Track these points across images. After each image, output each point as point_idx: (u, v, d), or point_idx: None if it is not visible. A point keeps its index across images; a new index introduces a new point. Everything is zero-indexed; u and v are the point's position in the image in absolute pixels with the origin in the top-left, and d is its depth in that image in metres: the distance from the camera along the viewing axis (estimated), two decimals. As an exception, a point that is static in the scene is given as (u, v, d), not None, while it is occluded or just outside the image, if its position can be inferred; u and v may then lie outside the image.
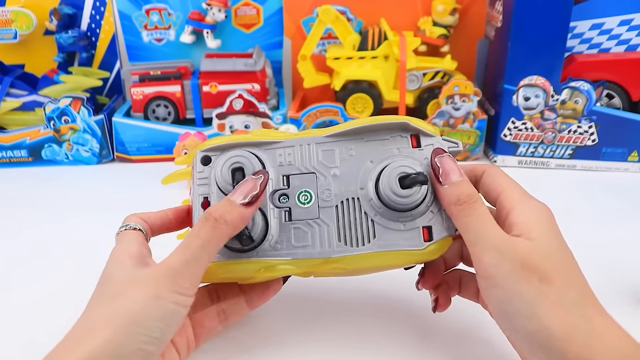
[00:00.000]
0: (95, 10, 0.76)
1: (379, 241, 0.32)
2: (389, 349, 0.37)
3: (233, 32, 0.78)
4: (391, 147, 0.33)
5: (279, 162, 0.33)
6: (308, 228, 0.32)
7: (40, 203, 0.61)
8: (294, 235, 0.32)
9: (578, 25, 0.67)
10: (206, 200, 0.33)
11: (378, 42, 0.71)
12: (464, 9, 0.75)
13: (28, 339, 0.38)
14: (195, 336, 0.34)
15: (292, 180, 0.33)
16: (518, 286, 0.26)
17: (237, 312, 0.35)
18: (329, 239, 0.32)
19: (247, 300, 0.35)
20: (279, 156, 0.33)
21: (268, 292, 0.36)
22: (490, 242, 0.28)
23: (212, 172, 0.33)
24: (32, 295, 0.44)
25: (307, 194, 0.33)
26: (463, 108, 0.68)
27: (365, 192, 0.32)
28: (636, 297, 0.42)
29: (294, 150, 0.33)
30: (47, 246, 0.52)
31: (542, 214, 0.29)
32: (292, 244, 0.32)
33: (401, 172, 0.31)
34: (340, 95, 0.73)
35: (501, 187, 0.31)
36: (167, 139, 0.70)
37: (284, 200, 0.33)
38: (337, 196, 0.33)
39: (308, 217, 0.33)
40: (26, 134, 0.69)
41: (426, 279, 0.35)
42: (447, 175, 0.30)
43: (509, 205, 0.30)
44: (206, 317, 0.34)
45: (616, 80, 0.67)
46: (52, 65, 0.76)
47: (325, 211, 0.33)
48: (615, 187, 0.63)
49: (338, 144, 0.33)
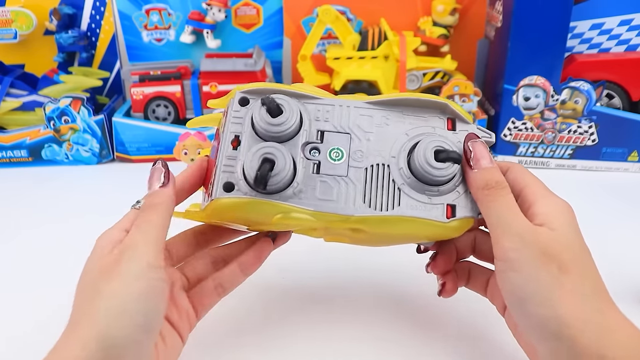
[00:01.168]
0: (95, 10, 0.76)
1: (403, 209, 0.31)
2: (393, 341, 0.37)
3: (233, 32, 0.78)
4: (427, 125, 0.33)
5: (316, 117, 0.33)
6: (334, 183, 0.32)
7: (40, 203, 0.61)
8: (319, 187, 0.32)
9: (578, 25, 0.67)
10: (237, 138, 0.32)
11: (378, 42, 0.71)
12: (464, 9, 0.75)
13: (27, 339, 0.38)
14: (196, 312, 0.34)
15: (326, 136, 0.33)
16: (536, 272, 0.27)
17: (233, 282, 0.35)
18: (354, 198, 0.32)
19: (241, 268, 0.35)
20: (318, 111, 0.33)
21: (261, 256, 0.36)
22: (513, 228, 0.28)
23: (247, 113, 0.33)
24: (32, 295, 0.44)
25: (338, 152, 0.33)
26: (463, 108, 0.68)
27: (397, 161, 0.32)
28: (636, 296, 0.42)
29: (333, 109, 0.33)
30: (47, 246, 0.52)
31: (564, 209, 0.29)
32: (315, 196, 0.32)
33: (438, 146, 0.31)
34: (340, 95, 0.72)
35: (525, 182, 0.31)
36: (167, 139, 0.70)
37: (314, 154, 0.33)
38: (368, 159, 0.32)
39: (336, 174, 0.32)
40: (26, 134, 0.69)
41: (437, 263, 0.35)
42: (478, 160, 0.31)
43: (532, 198, 0.30)
44: (204, 294, 0.34)
45: (616, 80, 0.67)
46: (52, 65, 0.76)
47: (354, 171, 0.32)
48: (615, 187, 0.63)
49: (377, 112, 0.34)
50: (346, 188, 0.32)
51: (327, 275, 0.45)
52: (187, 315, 0.33)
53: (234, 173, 0.31)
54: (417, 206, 0.31)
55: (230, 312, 0.40)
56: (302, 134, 0.32)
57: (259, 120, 0.32)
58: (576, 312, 0.26)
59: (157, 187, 0.31)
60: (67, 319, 0.28)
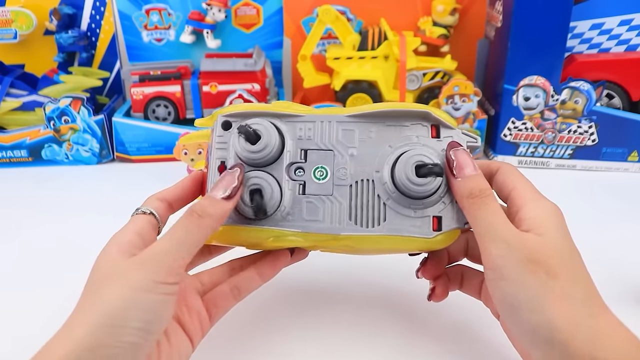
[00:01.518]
0: (95, 10, 0.76)
1: (389, 225, 0.32)
2: (388, 342, 0.37)
3: (233, 32, 0.78)
4: (411, 134, 0.33)
5: (299, 136, 0.33)
6: (320, 203, 0.33)
7: (40, 203, 0.61)
8: (305, 208, 0.33)
9: (578, 25, 0.67)
10: (223, 164, 0.33)
11: (378, 42, 0.71)
12: (464, 9, 0.75)
13: (27, 339, 0.38)
14: (210, 316, 0.34)
15: (309, 155, 0.33)
16: (524, 279, 0.27)
17: (249, 286, 0.35)
18: (340, 216, 0.32)
19: (259, 273, 0.35)
20: (299, 130, 0.33)
21: (278, 263, 0.36)
22: (500, 235, 0.28)
23: (231, 138, 0.33)
24: (32, 295, 0.44)
25: (323, 170, 0.33)
26: (463, 108, 0.68)
27: (381, 175, 0.33)
28: (636, 297, 0.42)
29: (314, 126, 0.33)
30: (47, 246, 0.52)
31: (552, 212, 0.29)
32: (303, 217, 0.33)
33: (418, 161, 0.31)
34: (340, 95, 0.73)
35: (513, 184, 0.31)
36: (167, 139, 0.70)
37: (299, 174, 0.33)
38: (353, 176, 0.33)
39: (322, 193, 0.33)
40: (26, 134, 0.69)
41: (427, 268, 0.35)
42: (462, 169, 0.31)
43: (520, 202, 0.30)
44: (220, 296, 0.34)
45: (616, 80, 0.67)
46: (52, 65, 0.76)
47: (339, 189, 0.33)
48: (615, 187, 0.63)
49: (359, 125, 0.33)
50: (331, 207, 0.33)
51: (323, 274, 0.45)
52: (199, 317, 0.33)
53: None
54: (402, 222, 0.32)
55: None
56: (286, 155, 0.33)
57: (239, 149, 0.32)
58: (567, 317, 0.26)
59: (219, 196, 0.30)
60: (66, 319, 0.27)
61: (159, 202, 0.33)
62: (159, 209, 0.32)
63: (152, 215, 0.32)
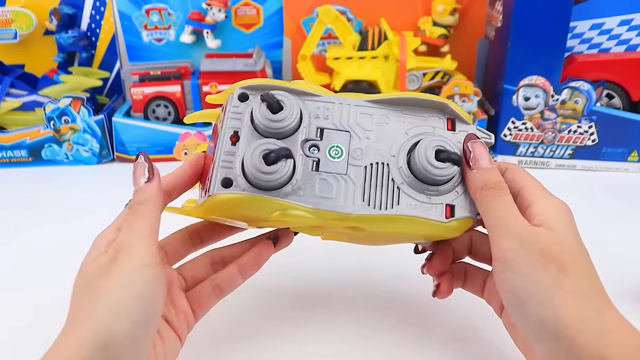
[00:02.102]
0: (95, 10, 0.76)
1: (401, 208, 0.31)
2: (389, 342, 0.37)
3: (233, 32, 0.78)
4: (427, 124, 0.33)
5: (316, 115, 0.33)
6: (334, 181, 0.32)
7: (40, 203, 0.61)
8: (318, 184, 0.32)
9: (578, 25, 0.67)
10: (235, 134, 0.32)
11: (378, 42, 0.71)
12: (464, 9, 0.75)
13: (27, 339, 0.38)
14: (194, 313, 0.34)
15: (325, 133, 0.33)
16: (535, 272, 0.27)
17: (231, 284, 0.35)
18: (354, 196, 0.32)
19: (240, 269, 0.35)
20: (317, 109, 0.33)
21: (261, 257, 0.35)
22: (511, 228, 0.28)
23: (247, 109, 0.33)
24: (32, 295, 0.44)
25: (338, 149, 0.32)
26: (463, 108, 0.68)
27: (396, 160, 0.32)
28: (636, 296, 0.42)
29: (333, 107, 0.33)
30: (47, 246, 0.51)
31: (562, 209, 0.29)
32: (314, 193, 0.31)
33: (439, 146, 0.31)
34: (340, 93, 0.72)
35: (522, 182, 0.31)
36: (167, 139, 0.70)
37: (314, 151, 0.32)
38: (368, 158, 0.32)
39: (336, 171, 0.32)
40: (26, 134, 0.69)
41: (432, 264, 0.35)
42: (477, 161, 0.31)
43: (530, 199, 0.30)
44: (202, 295, 0.34)
45: (616, 80, 0.67)
46: (52, 65, 0.76)
47: (354, 169, 0.32)
48: (615, 187, 0.63)
49: (376, 110, 0.34)
50: (345, 186, 0.32)
51: (322, 275, 0.45)
52: (185, 315, 0.33)
53: (232, 169, 0.31)
54: (416, 205, 0.31)
55: (225, 310, 0.40)
56: (302, 131, 0.32)
57: (258, 116, 0.32)
58: (575, 312, 0.26)
59: (142, 184, 0.30)
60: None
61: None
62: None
63: None
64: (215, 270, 0.36)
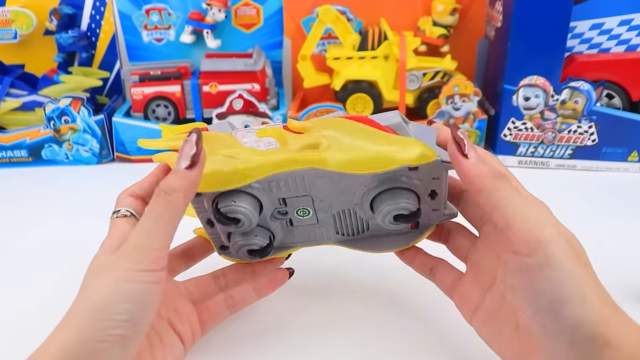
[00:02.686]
0: (95, 10, 0.76)
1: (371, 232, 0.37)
2: (391, 340, 0.37)
3: (233, 32, 0.78)
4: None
5: (274, 191, 0.33)
6: (309, 229, 0.36)
7: (40, 203, 0.61)
8: (296, 234, 0.37)
9: (578, 25, 0.67)
10: (209, 220, 0.34)
11: (378, 42, 0.71)
12: (464, 9, 0.75)
13: (27, 339, 0.38)
14: (201, 323, 0.34)
15: (288, 201, 0.34)
16: (573, 269, 0.25)
17: (244, 299, 0.36)
18: (328, 234, 0.37)
19: (255, 288, 0.36)
20: (273, 187, 0.33)
21: (276, 280, 0.37)
22: (545, 219, 0.26)
23: (207, 201, 0.33)
24: (32, 295, 0.44)
25: (305, 210, 0.35)
26: (463, 108, 0.68)
27: (360, 207, 0.34)
28: (636, 296, 0.42)
29: (287, 182, 0.32)
30: (47, 246, 0.51)
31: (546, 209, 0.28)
32: (295, 240, 0.37)
33: (398, 212, 0.32)
34: (340, 95, 0.73)
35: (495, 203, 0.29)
36: (167, 139, 0.70)
37: (284, 214, 0.35)
38: (334, 208, 0.35)
39: (308, 223, 0.36)
40: (26, 134, 0.69)
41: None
42: (473, 149, 0.28)
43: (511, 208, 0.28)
44: (213, 304, 0.35)
45: (616, 80, 0.67)
46: (52, 65, 0.76)
47: (324, 217, 0.35)
48: (615, 187, 0.63)
49: (330, 171, 0.31)
50: (320, 229, 0.36)
51: (321, 274, 0.45)
52: (190, 321, 0.33)
53: (222, 241, 0.36)
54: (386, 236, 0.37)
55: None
56: (267, 211, 0.34)
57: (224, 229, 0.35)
58: (602, 311, 0.25)
59: (182, 167, 0.28)
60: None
61: (132, 199, 0.32)
62: (136, 206, 0.32)
63: (133, 217, 0.31)
64: (220, 289, 0.36)
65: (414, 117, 0.73)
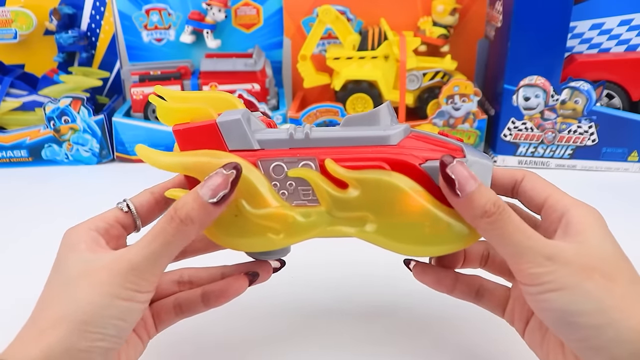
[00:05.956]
0: (95, 10, 0.76)
1: None
2: (390, 353, 0.37)
3: (233, 32, 0.78)
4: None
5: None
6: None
7: (40, 203, 0.61)
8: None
9: (578, 25, 0.67)
10: None
11: (378, 42, 0.71)
12: (464, 9, 0.75)
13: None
14: (155, 324, 0.33)
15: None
16: (582, 284, 0.25)
17: (192, 309, 0.33)
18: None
19: (204, 300, 0.33)
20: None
21: (227, 293, 0.32)
22: (538, 252, 0.26)
23: None
24: (31, 295, 0.44)
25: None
26: (463, 108, 0.68)
27: None
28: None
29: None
30: (47, 246, 0.51)
31: (597, 217, 0.28)
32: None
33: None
34: (340, 95, 0.73)
35: (546, 191, 0.30)
36: (167, 139, 0.70)
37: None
38: None
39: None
40: (26, 134, 0.69)
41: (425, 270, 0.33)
42: (464, 186, 0.27)
43: (560, 208, 0.28)
44: (162, 309, 0.33)
45: (616, 80, 0.67)
46: (52, 65, 0.76)
47: None
48: (615, 187, 0.63)
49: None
50: None
51: (320, 280, 0.45)
52: (145, 321, 0.32)
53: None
54: None
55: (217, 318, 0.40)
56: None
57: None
58: (632, 313, 0.25)
59: (207, 199, 0.27)
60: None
61: (150, 196, 0.32)
62: (148, 203, 0.32)
63: (129, 213, 0.32)
64: (180, 289, 0.34)
65: (414, 117, 0.73)
